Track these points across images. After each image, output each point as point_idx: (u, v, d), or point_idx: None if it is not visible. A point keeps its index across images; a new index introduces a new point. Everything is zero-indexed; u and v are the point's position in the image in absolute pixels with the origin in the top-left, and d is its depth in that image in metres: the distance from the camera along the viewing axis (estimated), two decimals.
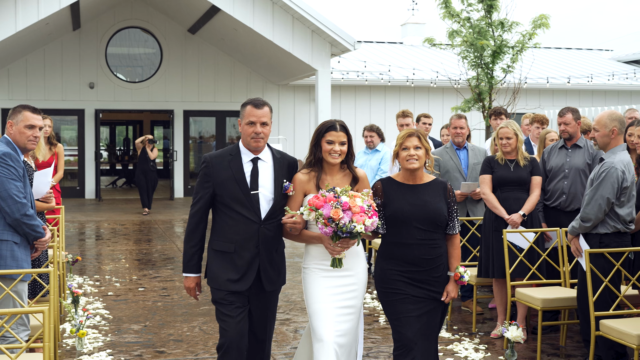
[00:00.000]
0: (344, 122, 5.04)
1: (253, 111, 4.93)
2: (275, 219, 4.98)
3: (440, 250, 5.04)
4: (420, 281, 4.98)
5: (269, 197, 4.98)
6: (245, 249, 4.93)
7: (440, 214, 5.00)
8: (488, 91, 17.08)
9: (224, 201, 4.94)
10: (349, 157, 5.08)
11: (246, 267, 4.94)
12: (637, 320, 6.04)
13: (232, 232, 4.94)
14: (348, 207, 4.62)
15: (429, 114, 10.57)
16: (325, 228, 4.64)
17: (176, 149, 24.07)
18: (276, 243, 5.07)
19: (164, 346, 7.24)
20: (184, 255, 5.11)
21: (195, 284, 5.11)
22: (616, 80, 26.14)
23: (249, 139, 4.94)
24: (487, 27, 16.82)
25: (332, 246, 4.78)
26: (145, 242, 14.22)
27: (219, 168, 4.96)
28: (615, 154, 6.26)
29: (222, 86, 24.15)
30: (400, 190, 5.07)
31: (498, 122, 9.69)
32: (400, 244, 4.99)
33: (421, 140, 5.02)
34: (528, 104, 23.63)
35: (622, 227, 6.25)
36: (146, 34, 23.98)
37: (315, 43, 18.56)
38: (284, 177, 5.04)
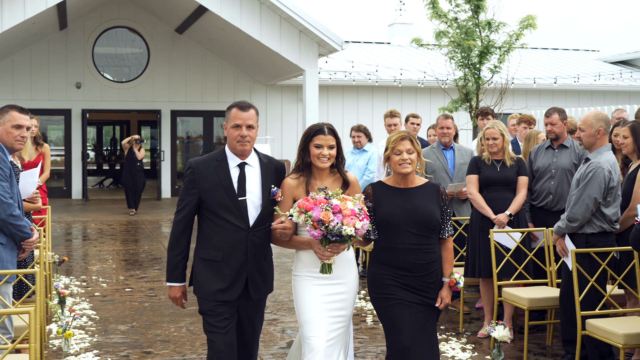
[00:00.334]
0: (332, 125, 4.95)
1: (239, 114, 4.79)
2: (264, 225, 4.85)
3: (434, 255, 4.92)
4: (414, 287, 4.87)
5: (257, 203, 4.83)
6: (234, 257, 4.77)
7: (433, 217, 4.88)
8: (475, 91, 17.13)
9: (211, 208, 4.78)
10: (339, 161, 4.95)
11: (235, 276, 4.78)
12: (622, 319, 6.07)
13: (220, 240, 4.78)
14: (339, 209, 4.50)
15: (418, 114, 10.57)
16: (314, 231, 4.51)
17: (163, 149, 24.02)
18: (265, 250, 4.92)
19: (151, 347, 7.22)
20: (168, 264, 4.92)
21: (181, 293, 4.95)
22: (602, 80, 26.26)
23: (235, 142, 4.80)
24: (474, 28, 16.87)
25: (321, 251, 4.66)
26: (132, 243, 14.19)
27: (205, 174, 4.80)
28: (601, 154, 6.29)
29: (209, 86, 24.12)
30: (391, 194, 4.95)
31: (485, 122, 9.71)
32: (393, 249, 4.88)
33: (413, 143, 4.91)
34: (515, 104, 23.70)
35: (608, 227, 6.29)
36: (133, 33, 23.92)
37: (303, 43, 18.55)
38: (272, 182, 4.89)
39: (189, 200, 4.82)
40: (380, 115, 21.42)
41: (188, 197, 4.83)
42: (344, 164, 5.01)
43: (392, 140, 4.93)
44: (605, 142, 6.36)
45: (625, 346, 5.59)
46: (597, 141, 6.33)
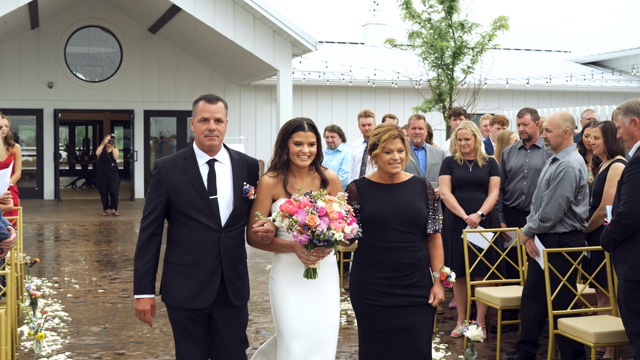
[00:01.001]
0: (312, 120, 4.71)
1: (206, 107, 4.52)
2: (236, 225, 4.57)
3: (420, 253, 4.71)
4: (399, 287, 4.64)
5: (228, 202, 4.54)
6: (205, 260, 4.48)
7: (420, 213, 4.68)
8: (448, 92, 17.21)
9: (180, 209, 4.48)
10: (317, 158, 4.71)
11: (207, 281, 4.48)
12: (593, 318, 6.13)
13: (190, 243, 4.49)
14: (325, 212, 4.25)
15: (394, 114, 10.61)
16: (300, 236, 4.24)
17: (137, 149, 23.90)
18: (239, 252, 4.61)
19: (124, 348, 7.19)
20: (136, 275, 4.54)
21: (150, 305, 4.56)
22: (574, 81, 26.48)
23: (202, 137, 4.51)
24: (448, 29, 16.94)
25: (306, 255, 4.38)
26: (105, 244, 14.10)
27: (173, 173, 4.51)
28: (569, 153, 6.37)
29: (183, 86, 24.03)
30: (376, 190, 4.74)
31: (457, 123, 9.77)
32: (378, 248, 4.65)
33: (404, 142, 4.69)
34: (488, 104, 23.85)
35: (579, 225, 6.37)
36: (106, 33, 23.78)
37: (277, 43, 18.55)
38: (244, 179, 4.60)
39: (157, 203, 4.52)
40: (354, 115, 21.46)
41: (156, 199, 4.52)
42: (322, 160, 4.80)
43: (384, 140, 4.65)
44: (571, 142, 6.45)
45: (597, 345, 5.63)
46: (564, 141, 6.41)
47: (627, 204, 5.14)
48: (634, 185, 5.14)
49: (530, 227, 6.45)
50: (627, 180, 5.19)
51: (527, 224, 6.53)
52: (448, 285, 4.76)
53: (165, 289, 4.58)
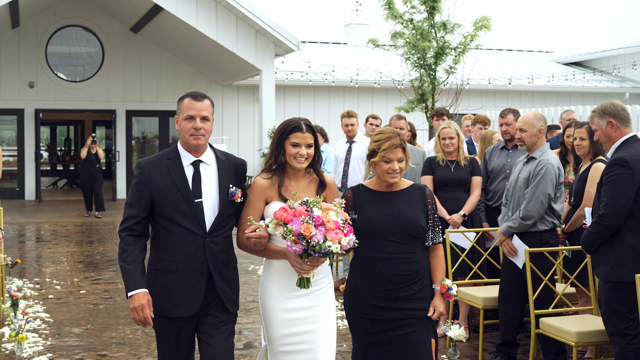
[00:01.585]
0: (309, 120, 4.52)
1: (192, 104, 4.29)
2: (222, 230, 4.34)
3: (417, 264, 4.45)
4: (396, 300, 4.40)
5: (213, 205, 4.32)
6: (189, 267, 4.25)
7: (416, 223, 4.43)
8: (431, 92, 17.25)
9: (163, 212, 4.26)
10: (316, 161, 4.48)
11: (192, 289, 4.26)
12: (575, 318, 6.16)
13: (173, 249, 4.26)
14: (321, 222, 4.01)
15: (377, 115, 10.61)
16: (294, 246, 4.01)
17: (118, 150, 23.81)
18: (225, 258, 4.37)
19: (106, 349, 7.15)
20: (125, 273, 4.24)
21: (147, 300, 4.22)
22: (556, 81, 26.63)
23: (188, 135, 4.27)
24: (430, 29, 16.98)
25: (300, 264, 4.15)
26: (87, 244, 14.04)
27: (157, 174, 4.27)
28: (545, 152, 6.46)
29: (165, 86, 23.96)
30: (371, 198, 4.52)
31: (440, 123, 9.79)
32: (372, 259, 4.41)
33: (405, 151, 4.47)
34: (470, 104, 23.92)
35: (557, 222, 6.43)
36: (87, 32, 23.67)
37: (259, 43, 18.54)
38: (231, 181, 4.37)
39: (139, 205, 4.29)
40: (337, 115, 21.48)
41: (137, 200, 4.29)
42: (321, 163, 4.57)
43: (383, 148, 4.42)
44: (544, 141, 6.54)
45: (578, 344, 5.66)
46: (538, 140, 6.49)
47: (607, 205, 5.18)
48: (614, 187, 5.18)
49: (510, 227, 6.45)
50: (607, 182, 5.23)
51: (505, 224, 6.53)
52: (449, 298, 4.50)
53: (152, 297, 4.29)
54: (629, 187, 5.15)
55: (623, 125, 5.40)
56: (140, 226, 4.30)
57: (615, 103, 5.49)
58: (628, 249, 5.19)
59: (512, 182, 6.64)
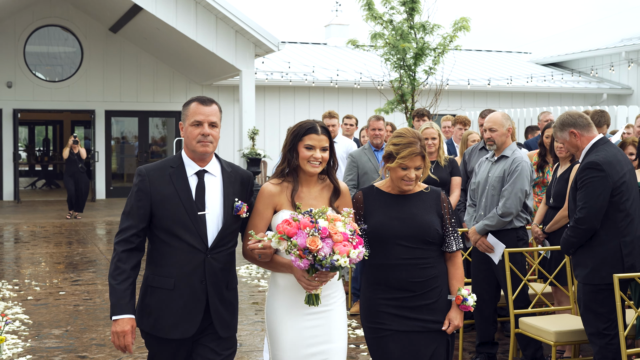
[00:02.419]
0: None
1: (199, 109, 4.02)
2: (225, 246, 4.06)
3: (433, 270, 4.21)
4: (412, 309, 4.17)
5: (217, 219, 4.03)
6: (187, 284, 3.96)
7: (430, 228, 4.19)
8: (410, 93, 17.28)
9: (163, 225, 3.97)
10: (331, 166, 4.19)
11: (189, 308, 3.97)
12: (554, 317, 6.21)
13: (171, 264, 3.97)
14: (328, 234, 3.75)
15: (352, 114, 10.64)
16: (299, 261, 3.73)
17: (98, 150, 23.70)
18: (226, 277, 4.09)
19: (86, 351, 7.13)
20: (112, 294, 3.95)
21: (131, 327, 3.95)
22: (534, 82, 26.78)
23: (195, 142, 3.99)
24: (409, 30, 17.02)
25: (307, 280, 3.88)
26: (66, 245, 13.97)
27: (159, 183, 3.99)
28: (515, 150, 6.61)
29: (144, 86, 23.88)
30: (383, 201, 4.30)
31: (421, 124, 9.82)
32: (384, 266, 4.18)
33: (425, 159, 4.22)
34: (450, 105, 24.01)
35: (529, 219, 6.54)
36: (66, 32, 23.54)
37: (239, 43, 18.53)
38: (236, 195, 4.09)
39: (138, 215, 4.00)
40: (317, 115, 21.48)
41: (137, 210, 4.00)
42: (336, 168, 4.26)
43: (402, 156, 4.17)
44: (511, 140, 6.67)
45: (557, 343, 5.71)
46: (507, 139, 6.61)
47: (584, 209, 5.25)
48: (589, 191, 5.26)
49: (487, 225, 6.49)
50: (582, 186, 5.31)
51: (480, 223, 6.55)
52: (466, 309, 4.24)
53: (142, 313, 4.05)
54: (603, 189, 5.23)
55: (586, 131, 5.50)
56: (137, 238, 4.00)
57: (572, 113, 5.62)
58: (606, 250, 5.25)
59: (481, 182, 6.69)
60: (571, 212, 5.47)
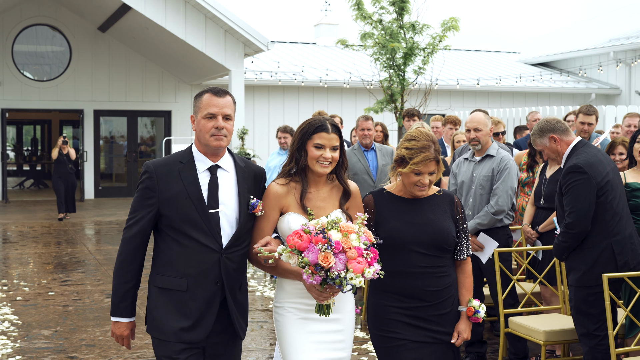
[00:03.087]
0: (335, 120, 4.02)
1: (213, 100, 3.80)
2: (240, 246, 3.86)
3: (449, 279, 4.06)
4: (425, 320, 4.01)
5: (231, 217, 3.84)
6: (201, 286, 3.77)
7: (448, 234, 4.03)
8: (400, 92, 17.32)
9: (173, 224, 3.77)
10: (340, 166, 3.99)
11: (203, 310, 3.78)
12: (543, 317, 6.23)
13: (184, 264, 3.76)
14: (341, 249, 3.55)
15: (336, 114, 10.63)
16: (311, 278, 3.54)
17: (86, 150, 23.62)
18: (240, 278, 3.92)
19: (75, 351, 7.11)
20: (114, 294, 3.85)
21: (130, 330, 3.89)
22: (523, 82, 26.85)
23: (208, 136, 3.78)
24: (399, 30, 17.05)
25: (318, 291, 3.69)
26: (55, 245, 13.91)
27: (167, 180, 3.78)
28: (498, 149, 6.70)
29: (133, 85, 23.82)
30: (396, 206, 4.10)
31: (411, 124, 9.84)
32: (398, 274, 3.99)
33: (439, 164, 4.03)
34: (439, 105, 24.05)
35: (514, 216, 6.62)
36: (54, 31, 23.45)
37: (229, 43, 18.49)
38: (251, 192, 3.91)
39: (144, 214, 3.80)
40: (307, 115, 21.48)
41: (143, 209, 3.80)
42: (346, 168, 4.06)
43: (416, 162, 3.98)
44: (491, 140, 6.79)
45: (547, 343, 5.73)
46: (488, 139, 6.71)
47: (572, 214, 5.29)
48: (574, 195, 5.29)
49: (480, 223, 6.52)
50: (567, 190, 5.34)
51: (472, 221, 6.56)
52: (476, 321, 4.09)
53: (152, 318, 3.85)
54: (588, 192, 5.26)
55: (565, 135, 5.57)
56: (145, 237, 3.84)
57: (550, 119, 5.69)
58: (598, 251, 5.29)
59: (466, 182, 6.72)
60: (560, 217, 5.50)
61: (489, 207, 6.47)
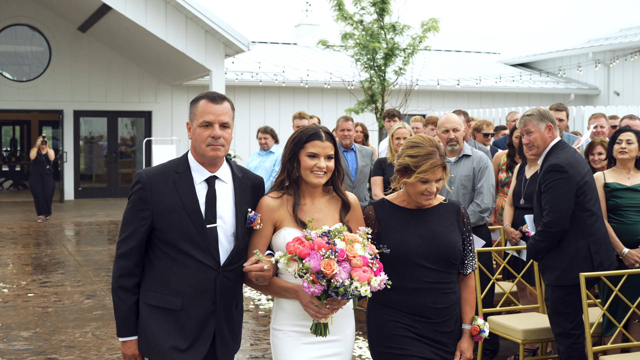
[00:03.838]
0: (328, 128, 3.78)
1: (209, 107, 3.56)
2: (238, 263, 3.64)
3: (454, 296, 3.84)
4: (429, 338, 3.78)
5: (229, 232, 3.61)
6: (197, 305, 3.55)
7: (455, 247, 3.80)
8: (380, 93, 17.35)
9: (168, 238, 3.54)
10: (336, 176, 3.77)
11: (199, 330, 3.57)
12: (521, 316, 6.27)
13: (179, 282, 3.54)
14: (345, 257, 3.34)
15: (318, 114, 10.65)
16: (312, 287, 3.31)
17: (66, 150, 23.50)
18: (237, 296, 3.71)
19: (55, 353, 7.08)
20: (117, 313, 3.62)
21: (137, 348, 3.66)
22: (503, 82, 27.00)
23: (204, 146, 3.55)
24: (379, 30, 17.09)
25: (317, 307, 3.46)
26: (34, 246, 13.84)
27: (162, 191, 3.55)
28: (472, 148, 6.84)
29: (113, 86, 23.73)
30: (400, 217, 3.86)
31: (392, 124, 9.88)
32: (403, 289, 3.73)
33: (446, 170, 3.83)
34: (420, 105, 24.12)
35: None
36: (34, 31, 23.32)
37: (209, 43, 18.46)
38: (249, 204, 3.69)
39: (137, 226, 3.56)
40: (288, 115, 21.50)
41: (137, 221, 3.56)
42: (342, 178, 3.82)
43: (423, 170, 3.75)
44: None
45: (525, 341, 5.77)
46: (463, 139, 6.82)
47: (551, 212, 5.32)
48: (554, 194, 5.32)
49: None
50: (547, 189, 5.37)
51: None
52: (479, 340, 3.91)
53: (144, 338, 3.62)
54: (568, 191, 5.31)
55: (555, 130, 5.62)
56: (139, 252, 3.61)
57: (547, 109, 5.70)
58: (575, 251, 5.33)
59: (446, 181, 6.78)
60: (537, 217, 5.53)
61: (475, 206, 6.53)
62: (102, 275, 10.87)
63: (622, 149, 6.08)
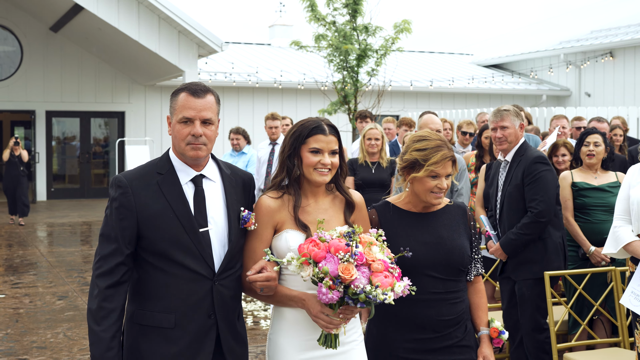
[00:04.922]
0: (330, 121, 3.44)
1: (190, 101, 3.19)
2: (233, 268, 3.27)
3: (462, 305, 3.56)
4: (436, 351, 3.48)
5: (222, 236, 3.23)
6: (193, 320, 3.15)
7: (464, 254, 3.53)
8: (353, 94, 17.42)
9: (157, 248, 3.13)
10: (340, 174, 3.45)
11: (195, 349, 3.16)
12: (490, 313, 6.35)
13: (170, 296, 3.13)
14: (364, 261, 3.04)
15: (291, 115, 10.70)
16: (330, 293, 2.99)
17: (38, 151, 23.37)
18: (236, 306, 3.32)
19: (26, 354, 7.08)
20: (97, 342, 3.07)
21: None
22: (476, 83, 27.19)
23: (184, 145, 3.19)
24: (352, 32, 17.16)
25: (328, 317, 3.12)
26: (6, 248, 13.77)
27: (145, 195, 3.15)
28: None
29: (86, 86, 23.61)
30: (405, 222, 3.58)
31: (364, 125, 9.95)
32: (408, 301, 3.31)
33: (455, 165, 3.55)
34: (393, 106, 24.24)
35: None
36: (5, 31, 23.15)
37: (182, 44, 18.44)
38: (240, 203, 3.32)
39: (119, 239, 3.13)
40: (261, 116, 21.50)
41: (119, 232, 3.12)
42: (345, 176, 3.51)
43: (433, 162, 3.47)
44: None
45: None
46: None
47: (542, 202, 5.38)
48: (542, 184, 5.42)
49: None
50: (534, 179, 5.44)
51: None
52: (499, 344, 3.60)
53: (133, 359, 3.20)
54: (554, 182, 5.50)
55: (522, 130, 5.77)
56: (124, 267, 3.13)
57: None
58: (553, 242, 5.46)
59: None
60: (514, 211, 5.55)
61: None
62: (74, 276, 10.85)
63: (590, 151, 6.20)
